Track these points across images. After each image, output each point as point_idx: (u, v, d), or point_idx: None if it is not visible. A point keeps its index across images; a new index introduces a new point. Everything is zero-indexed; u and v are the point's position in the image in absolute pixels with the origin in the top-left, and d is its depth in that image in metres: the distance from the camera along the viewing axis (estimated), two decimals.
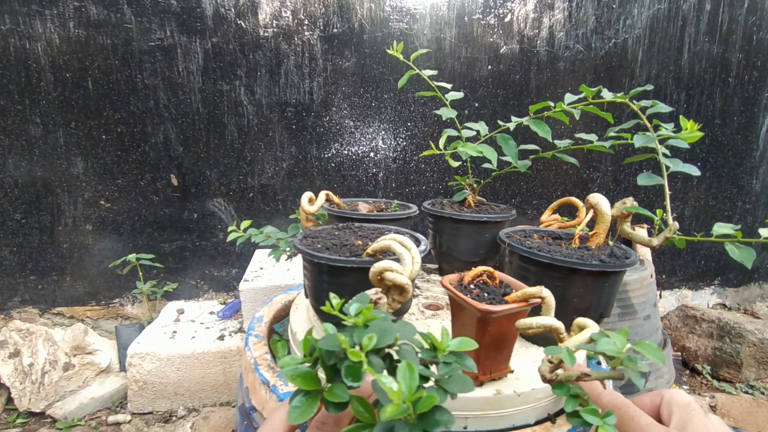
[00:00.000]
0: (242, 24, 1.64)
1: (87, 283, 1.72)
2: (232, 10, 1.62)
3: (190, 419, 1.40)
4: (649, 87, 0.76)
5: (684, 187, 2.12)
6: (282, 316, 0.90)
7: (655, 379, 1.48)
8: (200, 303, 1.80)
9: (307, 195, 0.88)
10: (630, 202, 0.67)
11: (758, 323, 1.78)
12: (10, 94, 1.53)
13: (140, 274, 1.69)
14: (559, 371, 0.41)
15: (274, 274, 1.49)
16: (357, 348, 0.28)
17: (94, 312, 1.75)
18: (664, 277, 2.20)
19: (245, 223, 0.97)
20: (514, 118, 0.85)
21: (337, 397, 0.28)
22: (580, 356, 0.66)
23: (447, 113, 0.85)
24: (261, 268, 1.54)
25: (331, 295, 0.33)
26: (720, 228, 0.59)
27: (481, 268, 0.58)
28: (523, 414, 0.54)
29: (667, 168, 0.66)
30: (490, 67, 1.84)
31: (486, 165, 0.97)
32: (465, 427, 0.52)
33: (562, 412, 0.56)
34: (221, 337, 1.48)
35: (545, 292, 0.50)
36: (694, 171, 0.67)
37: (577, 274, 0.59)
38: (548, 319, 0.46)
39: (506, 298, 0.54)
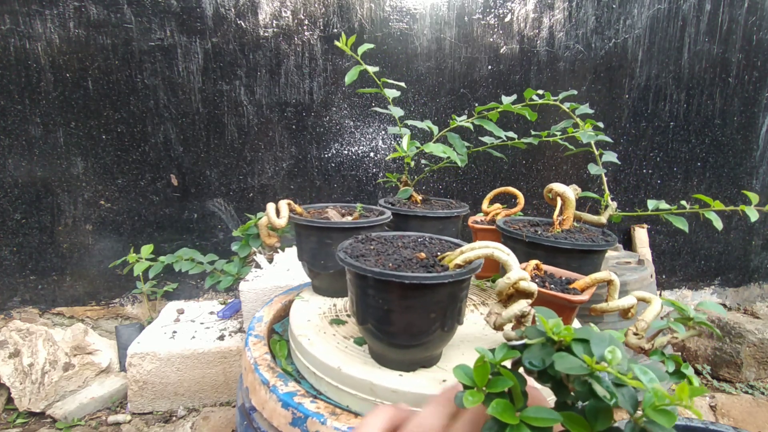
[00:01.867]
0: (242, 24, 1.63)
1: (87, 283, 1.72)
2: (232, 10, 1.62)
3: (190, 419, 1.40)
4: (573, 92, 0.87)
5: (684, 187, 2.12)
6: (282, 316, 0.90)
7: None
8: (200, 303, 1.80)
9: (272, 206, 0.77)
10: (577, 188, 0.83)
11: (758, 323, 1.77)
12: (10, 94, 1.53)
13: (140, 274, 1.69)
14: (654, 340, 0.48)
15: (274, 274, 1.49)
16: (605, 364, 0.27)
17: (94, 312, 1.75)
18: (664, 277, 2.20)
19: (146, 249, 0.86)
20: (457, 117, 0.89)
21: (547, 421, 0.27)
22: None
23: (397, 112, 0.87)
24: (261, 268, 1.54)
25: (550, 322, 0.32)
26: (655, 203, 0.78)
27: (533, 262, 0.64)
28: None
29: (602, 156, 0.86)
30: (490, 67, 1.84)
31: (424, 161, 0.99)
32: None
33: None
34: (221, 337, 1.48)
35: (613, 276, 0.53)
36: (614, 158, 0.86)
37: (588, 254, 0.70)
38: (631, 299, 0.51)
39: (574, 286, 0.58)
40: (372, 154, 1.82)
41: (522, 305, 0.47)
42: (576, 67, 1.89)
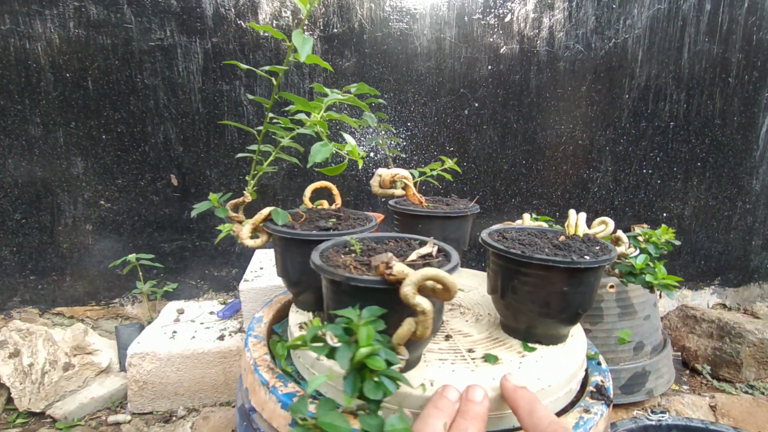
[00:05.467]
0: (242, 24, 1.63)
1: (87, 283, 1.72)
2: (232, 10, 1.62)
3: (190, 419, 1.40)
4: (378, 93, 0.94)
5: (684, 187, 2.12)
6: (282, 316, 0.91)
7: (655, 379, 1.48)
8: (200, 303, 1.80)
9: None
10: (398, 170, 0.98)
11: (758, 323, 1.78)
12: (10, 94, 1.53)
13: (140, 274, 1.69)
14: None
15: (274, 274, 1.49)
16: None
17: (94, 312, 1.75)
18: None
19: None
20: (309, 115, 0.81)
21: None
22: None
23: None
24: (261, 268, 1.54)
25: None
26: (419, 171, 1.08)
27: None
28: None
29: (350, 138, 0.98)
30: (490, 67, 1.84)
31: (269, 167, 0.86)
32: None
33: (562, 414, 0.56)
34: (221, 337, 1.48)
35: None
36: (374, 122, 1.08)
37: (465, 218, 0.94)
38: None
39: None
40: (372, 154, 1.82)
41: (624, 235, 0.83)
42: (576, 67, 1.89)
